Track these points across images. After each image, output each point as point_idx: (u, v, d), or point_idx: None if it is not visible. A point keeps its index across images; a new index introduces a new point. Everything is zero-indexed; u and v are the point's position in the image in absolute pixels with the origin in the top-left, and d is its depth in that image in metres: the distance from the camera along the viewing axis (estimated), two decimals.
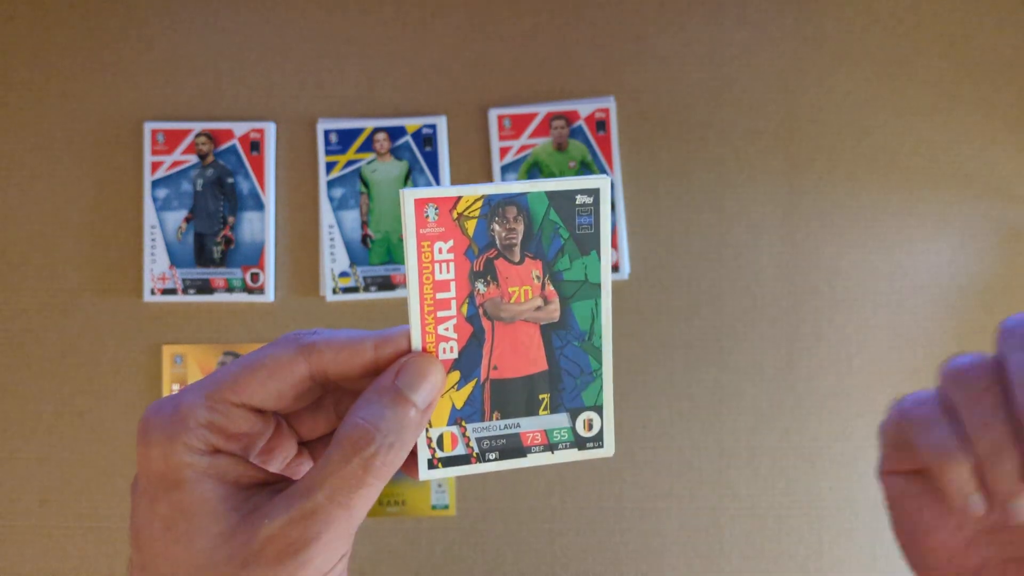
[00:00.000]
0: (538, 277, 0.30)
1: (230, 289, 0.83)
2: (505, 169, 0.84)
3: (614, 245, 0.83)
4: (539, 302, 0.30)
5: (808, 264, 0.84)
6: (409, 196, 0.28)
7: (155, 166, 0.83)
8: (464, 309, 0.29)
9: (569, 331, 0.30)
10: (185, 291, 0.83)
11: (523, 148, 0.84)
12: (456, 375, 0.29)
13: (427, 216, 0.28)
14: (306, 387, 0.28)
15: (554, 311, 0.30)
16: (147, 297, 0.83)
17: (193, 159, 0.84)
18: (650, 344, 0.83)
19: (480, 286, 0.29)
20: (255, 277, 0.83)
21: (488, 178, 0.84)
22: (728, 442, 0.83)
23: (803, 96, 0.85)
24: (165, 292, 0.83)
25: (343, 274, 0.83)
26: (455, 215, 0.28)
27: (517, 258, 0.29)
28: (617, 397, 0.82)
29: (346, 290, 0.83)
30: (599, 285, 0.30)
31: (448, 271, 0.29)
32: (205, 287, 0.83)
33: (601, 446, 0.31)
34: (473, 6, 0.86)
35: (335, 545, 0.25)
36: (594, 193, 0.29)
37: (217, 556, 0.24)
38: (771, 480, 0.83)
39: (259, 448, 0.29)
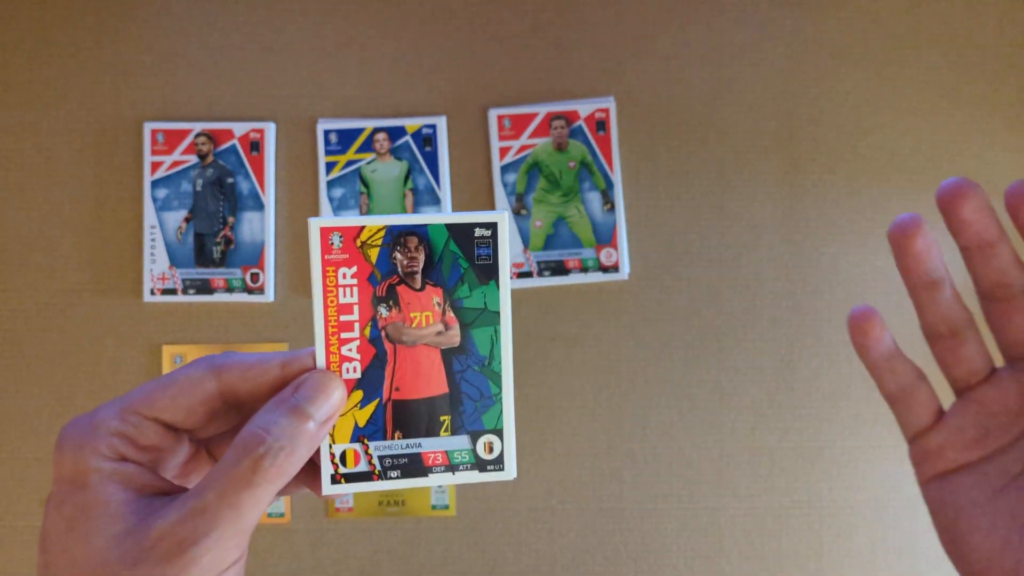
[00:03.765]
0: (439, 304, 0.31)
1: (230, 289, 0.83)
2: (505, 169, 0.84)
3: (614, 244, 0.83)
4: (440, 327, 0.31)
5: (808, 264, 0.84)
6: (315, 224, 0.30)
7: (155, 166, 0.83)
8: (367, 331, 0.31)
9: (469, 356, 0.31)
10: (185, 291, 0.83)
11: (523, 148, 0.84)
12: (359, 394, 0.31)
13: (332, 243, 0.30)
14: (216, 405, 0.30)
15: (455, 336, 0.31)
16: (147, 297, 0.83)
17: (193, 159, 0.84)
18: (650, 344, 0.83)
19: (382, 310, 0.31)
20: (255, 277, 0.83)
21: (488, 178, 0.84)
22: (728, 442, 0.83)
23: (803, 96, 0.85)
24: (165, 292, 0.83)
25: None
26: (359, 243, 0.30)
27: (418, 285, 0.31)
28: (617, 397, 0.83)
29: None
30: (498, 313, 0.31)
31: (352, 295, 0.30)
32: (205, 287, 0.83)
33: (502, 469, 0.32)
34: (473, 6, 0.86)
35: (224, 545, 0.26)
36: (492, 227, 0.31)
37: (111, 555, 0.25)
38: (771, 480, 0.83)
39: (172, 465, 0.31)
